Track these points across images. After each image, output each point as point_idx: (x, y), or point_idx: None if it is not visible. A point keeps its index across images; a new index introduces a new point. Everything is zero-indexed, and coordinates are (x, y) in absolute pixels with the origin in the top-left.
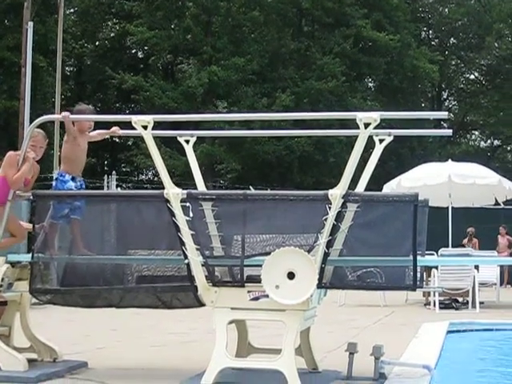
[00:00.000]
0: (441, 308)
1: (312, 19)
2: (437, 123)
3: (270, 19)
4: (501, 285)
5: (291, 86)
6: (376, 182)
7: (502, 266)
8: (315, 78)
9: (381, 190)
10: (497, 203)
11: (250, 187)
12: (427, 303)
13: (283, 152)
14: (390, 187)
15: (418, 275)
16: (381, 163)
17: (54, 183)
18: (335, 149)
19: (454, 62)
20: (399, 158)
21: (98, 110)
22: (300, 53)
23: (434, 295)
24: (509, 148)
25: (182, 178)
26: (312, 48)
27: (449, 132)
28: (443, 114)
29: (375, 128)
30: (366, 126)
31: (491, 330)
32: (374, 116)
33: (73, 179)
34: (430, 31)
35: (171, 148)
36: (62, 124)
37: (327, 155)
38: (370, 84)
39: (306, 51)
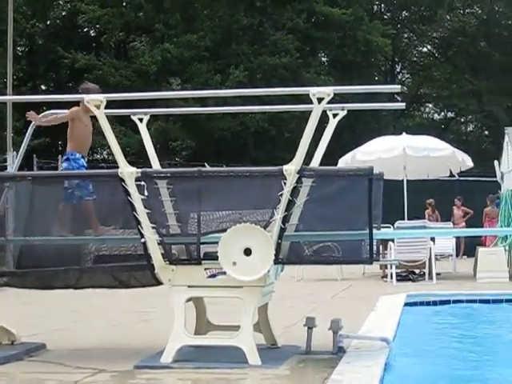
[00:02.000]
0: (398, 280)
1: None
2: (391, 96)
3: None
4: (457, 256)
5: (244, 62)
6: (331, 156)
7: (458, 237)
8: (268, 54)
9: (336, 164)
10: (451, 175)
11: (206, 164)
12: (384, 276)
13: (238, 128)
14: (345, 161)
15: (375, 248)
16: (335, 137)
17: (64, 164)
18: (290, 124)
19: (406, 36)
20: (354, 132)
21: (50, 89)
22: (253, 28)
23: (391, 268)
24: (462, 120)
25: (137, 156)
26: (265, 24)
27: (402, 105)
28: (396, 88)
29: (329, 102)
30: (320, 100)
31: (448, 301)
32: (327, 91)
33: (82, 158)
34: (382, 5)
35: (125, 126)
36: (14, 104)
37: (282, 130)
38: (324, 59)
39: (258, 27)
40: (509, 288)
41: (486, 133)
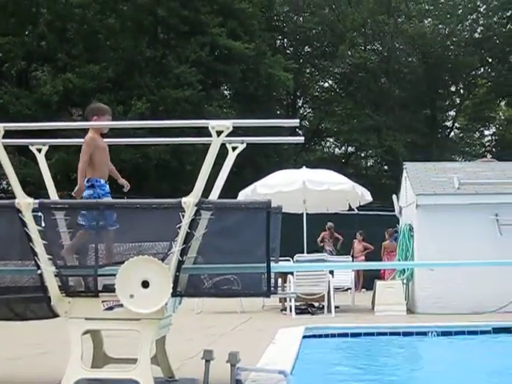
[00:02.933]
0: (297, 313)
1: (168, 27)
2: (292, 130)
3: (126, 27)
4: (356, 289)
5: (147, 94)
6: (232, 190)
7: (357, 271)
8: (171, 87)
9: (237, 197)
10: (350, 209)
11: None
12: (283, 309)
13: (140, 160)
14: (245, 194)
15: (272, 281)
16: (237, 170)
17: (88, 191)
18: (192, 157)
19: (308, 70)
20: (255, 166)
21: None
22: (156, 61)
23: (290, 301)
24: (362, 154)
25: (37, 187)
26: (168, 56)
27: (301, 139)
28: (295, 122)
29: (230, 135)
30: (219, 133)
31: (346, 333)
32: (227, 124)
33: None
34: (285, 40)
35: (26, 156)
36: None
37: (184, 163)
38: (226, 92)
39: (162, 59)
40: (406, 321)
41: (386, 167)
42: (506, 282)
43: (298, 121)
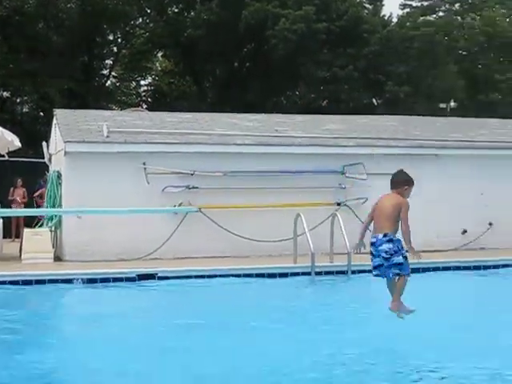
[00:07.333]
0: None
1: None
2: None
3: None
4: (13, 238)
5: None
6: None
7: (17, 219)
8: None
9: None
10: (0, 155)
11: None
12: None
13: None
14: None
15: None
16: None
17: (387, 245)
18: None
19: None
20: None
21: None
22: None
23: None
24: (18, 100)
25: None
26: None
27: None
28: None
29: None
30: None
31: None
32: None
33: None
34: None
35: None
36: None
37: None
38: None
39: None
40: (53, 268)
41: (42, 114)
42: (155, 229)
43: None
